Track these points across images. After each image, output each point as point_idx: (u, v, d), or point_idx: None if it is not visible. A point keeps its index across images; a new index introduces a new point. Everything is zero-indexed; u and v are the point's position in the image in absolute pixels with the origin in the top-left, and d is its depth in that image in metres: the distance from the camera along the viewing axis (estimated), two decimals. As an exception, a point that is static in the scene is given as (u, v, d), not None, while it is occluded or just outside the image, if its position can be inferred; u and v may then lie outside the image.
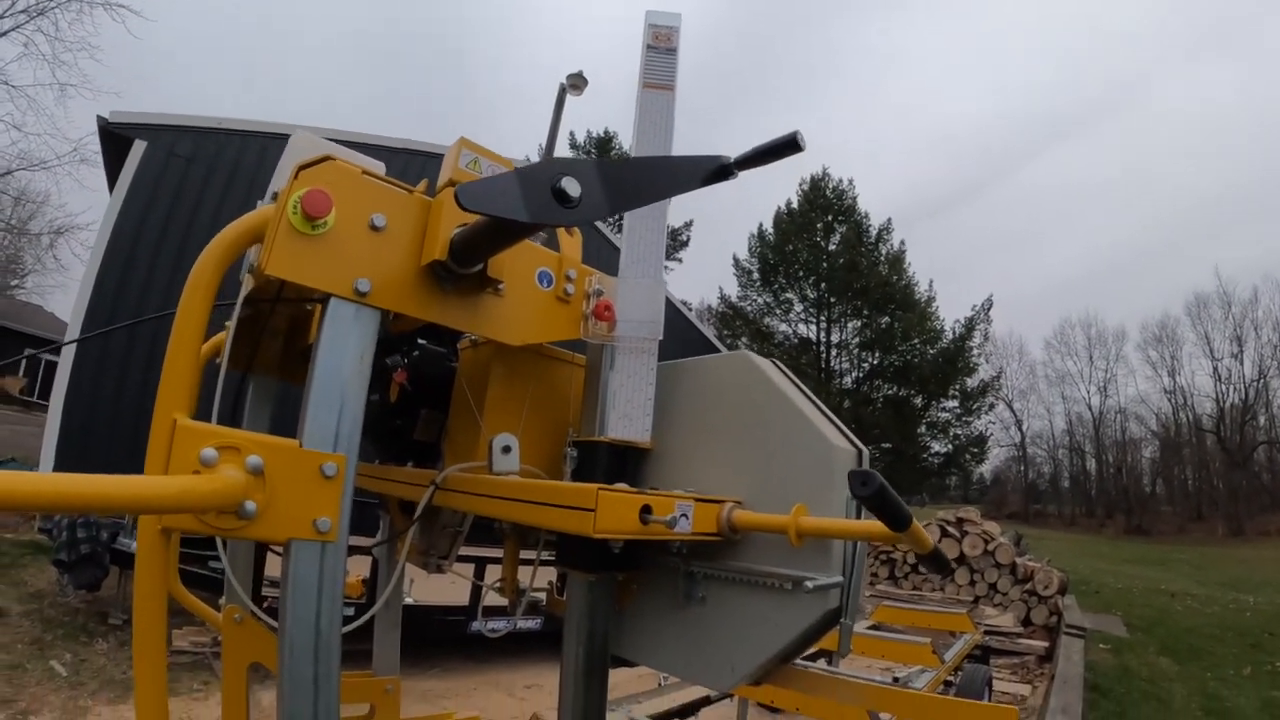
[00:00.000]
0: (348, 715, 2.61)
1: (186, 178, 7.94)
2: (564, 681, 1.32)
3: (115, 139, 7.79)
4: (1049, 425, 48.71)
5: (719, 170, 1.05)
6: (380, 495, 2.34)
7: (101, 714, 3.48)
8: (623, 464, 1.37)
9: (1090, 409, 46.34)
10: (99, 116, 7.60)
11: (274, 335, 1.61)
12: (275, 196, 1.10)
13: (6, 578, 5.01)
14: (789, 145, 1.04)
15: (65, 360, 7.32)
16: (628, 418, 1.35)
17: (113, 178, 8.36)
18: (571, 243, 1.45)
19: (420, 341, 1.55)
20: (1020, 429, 47.64)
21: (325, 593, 0.96)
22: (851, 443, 1.20)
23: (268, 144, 8.37)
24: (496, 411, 1.40)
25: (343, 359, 0.96)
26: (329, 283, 0.93)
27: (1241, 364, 39.79)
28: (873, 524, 0.90)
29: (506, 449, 1.31)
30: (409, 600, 3.71)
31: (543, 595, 1.72)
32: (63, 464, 6.93)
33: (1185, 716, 4.88)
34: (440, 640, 4.95)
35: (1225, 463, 38.32)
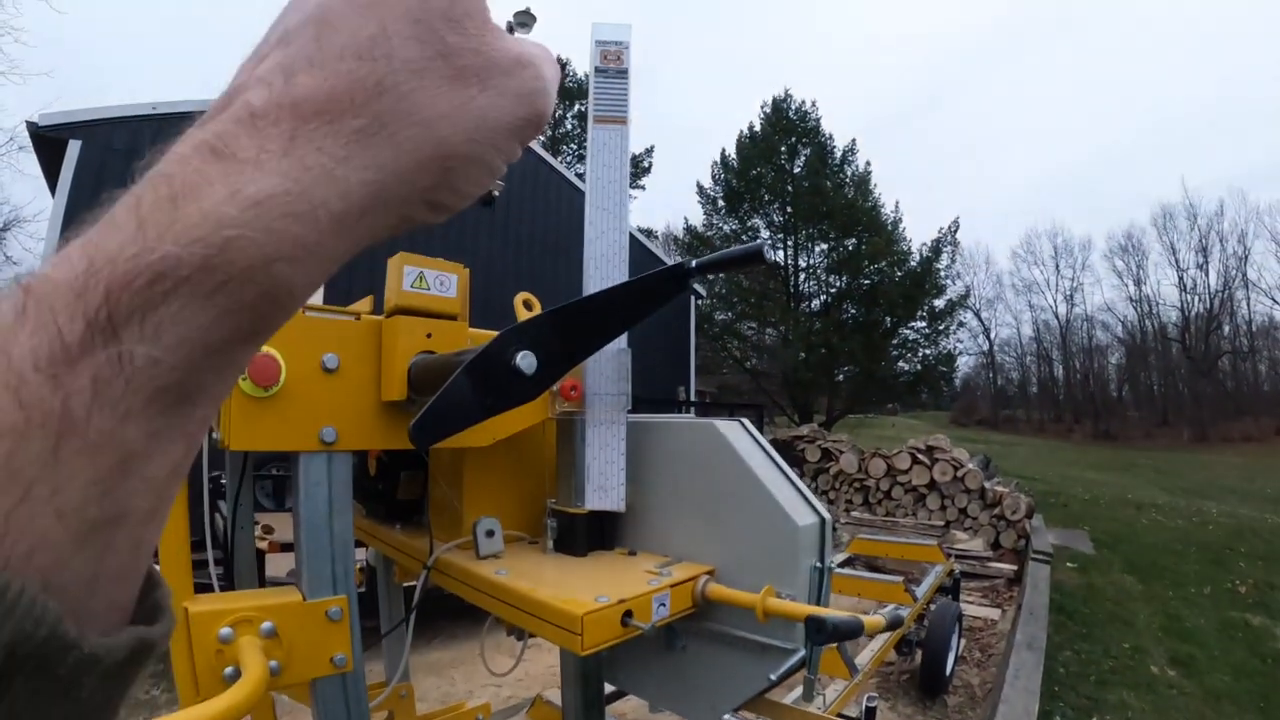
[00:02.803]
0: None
1: (128, 170, 7.55)
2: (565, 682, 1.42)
3: (49, 141, 7.38)
4: (1016, 333, 49.68)
5: (680, 279, 0.99)
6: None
7: None
8: (601, 528, 1.43)
9: (1057, 317, 47.15)
10: (28, 122, 7.15)
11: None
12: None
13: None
14: (754, 257, 1.00)
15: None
16: (603, 490, 1.39)
17: (51, 179, 7.96)
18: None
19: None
20: (988, 337, 48.43)
21: (353, 713, 1.02)
22: (816, 512, 1.27)
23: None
24: (475, 492, 1.44)
25: (324, 505, 0.98)
26: (295, 442, 0.94)
27: (1207, 275, 40.61)
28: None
29: (490, 533, 1.35)
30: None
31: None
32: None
33: (1147, 638, 5.12)
34: (441, 611, 4.92)
35: (1190, 370, 39.27)
